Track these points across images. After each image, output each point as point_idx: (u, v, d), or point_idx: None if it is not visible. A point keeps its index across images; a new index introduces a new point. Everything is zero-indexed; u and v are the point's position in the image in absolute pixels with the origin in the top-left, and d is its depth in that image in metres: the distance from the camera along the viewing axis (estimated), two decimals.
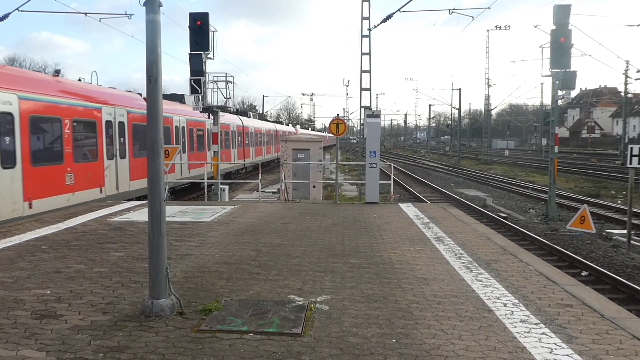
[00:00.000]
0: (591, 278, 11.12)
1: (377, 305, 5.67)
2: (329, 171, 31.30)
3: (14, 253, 8.17)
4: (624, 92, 47.52)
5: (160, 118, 5.42)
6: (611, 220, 18.33)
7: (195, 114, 22.55)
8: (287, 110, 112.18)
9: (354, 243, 9.00)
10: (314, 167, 19.00)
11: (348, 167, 41.61)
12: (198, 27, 15.39)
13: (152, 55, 5.27)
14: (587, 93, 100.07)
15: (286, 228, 10.49)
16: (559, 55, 17.73)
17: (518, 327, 5.04)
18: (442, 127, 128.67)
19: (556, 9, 17.74)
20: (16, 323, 5.15)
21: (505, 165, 51.63)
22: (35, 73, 15.32)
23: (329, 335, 4.84)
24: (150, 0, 5.22)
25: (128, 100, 18.22)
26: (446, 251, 8.37)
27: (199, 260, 7.75)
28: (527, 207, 22.13)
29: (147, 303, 5.38)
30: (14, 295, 6.02)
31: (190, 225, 10.81)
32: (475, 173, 39.78)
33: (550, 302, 5.80)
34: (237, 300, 5.86)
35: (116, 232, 9.99)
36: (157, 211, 5.41)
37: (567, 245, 14.20)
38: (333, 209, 13.59)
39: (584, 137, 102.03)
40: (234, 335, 4.84)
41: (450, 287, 6.37)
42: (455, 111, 65.71)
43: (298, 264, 7.49)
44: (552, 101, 20.06)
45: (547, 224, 17.63)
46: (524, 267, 7.36)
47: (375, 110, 17.46)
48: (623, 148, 46.57)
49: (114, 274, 6.99)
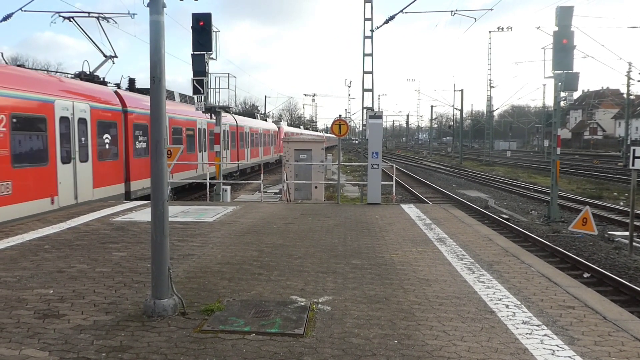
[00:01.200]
0: (593, 280, 11.11)
1: (379, 306, 5.67)
2: (331, 172, 31.32)
3: (17, 252, 8.19)
4: (627, 94, 47.46)
5: (164, 118, 5.43)
6: (613, 222, 18.30)
7: (186, 112, 22.09)
8: (289, 110, 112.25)
9: (356, 244, 9.00)
10: (316, 168, 19.02)
11: (350, 168, 41.64)
12: (201, 28, 15.44)
13: (156, 56, 5.28)
14: (590, 94, 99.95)
15: (288, 229, 10.49)
16: (562, 57, 17.73)
17: (520, 328, 5.04)
18: (444, 128, 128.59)
19: (559, 10, 17.74)
20: (19, 322, 5.17)
21: (507, 166, 51.58)
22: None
23: (331, 336, 4.85)
24: (154, 1, 5.24)
25: (93, 93, 15.49)
26: (448, 252, 8.37)
27: (201, 260, 7.76)
28: (529, 208, 22.11)
29: (149, 303, 5.39)
30: (17, 295, 6.04)
31: (193, 225, 10.82)
32: (477, 174, 39.75)
33: (552, 304, 5.80)
34: (239, 300, 5.87)
35: (118, 232, 10.00)
36: (160, 211, 5.42)
37: (569, 247, 14.18)
38: (335, 209, 13.59)
39: (587, 138, 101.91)
40: (236, 335, 4.85)
41: (452, 289, 6.37)
42: (457, 112, 65.73)
43: (300, 265, 7.49)
44: (555, 103, 20.05)
45: (549, 226, 17.62)
46: (526, 269, 7.36)
47: (378, 111, 17.48)
48: (625, 150, 46.54)
49: (117, 273, 7.00)
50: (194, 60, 16.06)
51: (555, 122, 19.94)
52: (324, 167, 20.35)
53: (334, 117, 19.72)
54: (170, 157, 15.64)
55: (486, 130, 72.35)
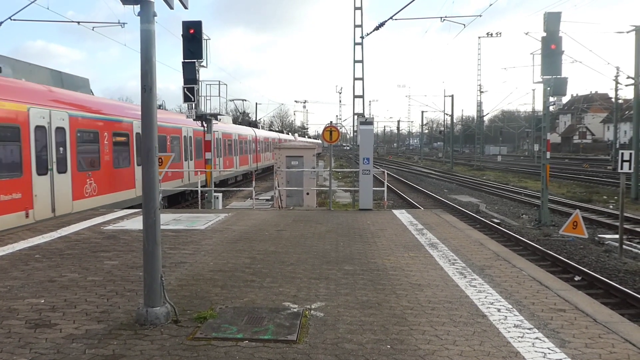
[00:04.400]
0: (584, 283, 11.19)
1: (372, 312, 5.69)
2: (322, 178, 31.36)
3: (7, 262, 8.13)
4: (615, 98, 47.89)
5: (155, 127, 5.44)
6: (603, 225, 18.45)
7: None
8: (280, 117, 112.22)
9: (348, 250, 9.02)
10: (308, 174, 19.06)
11: (342, 174, 41.70)
12: (191, 36, 15.44)
13: (147, 65, 5.29)
14: (579, 99, 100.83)
15: (280, 235, 10.50)
16: (550, 62, 17.90)
17: (512, 332, 5.07)
18: (435, 133, 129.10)
19: (547, 16, 17.92)
20: (10, 332, 5.13)
21: (498, 171, 51.88)
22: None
23: (324, 341, 4.86)
24: (144, 10, 5.25)
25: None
26: (440, 257, 8.41)
27: (193, 268, 7.74)
28: (520, 212, 22.24)
29: (142, 311, 5.37)
30: (8, 305, 6.00)
31: (184, 233, 10.79)
32: (468, 179, 39.94)
33: (543, 307, 5.84)
34: (232, 307, 5.86)
35: (110, 240, 9.96)
36: (151, 219, 5.42)
37: (560, 251, 14.28)
38: (327, 215, 13.61)
39: (576, 142, 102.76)
40: (229, 342, 4.85)
41: (445, 293, 6.40)
42: (448, 118, 66.06)
43: (292, 271, 7.50)
44: (544, 107, 20.24)
45: (540, 230, 17.72)
46: (517, 273, 7.41)
47: (368, 117, 17.55)
48: (614, 153, 46.96)
49: (108, 282, 6.97)
50: (184, 68, 16.05)
51: (545, 127, 20.12)
52: (316, 174, 20.37)
53: (325, 123, 19.79)
54: (162, 165, 15.66)
55: (477, 135, 72.82)
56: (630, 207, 22.36)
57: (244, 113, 55.23)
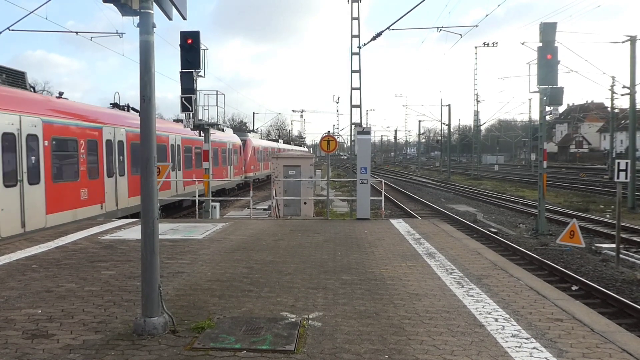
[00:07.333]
0: (581, 292, 11.19)
1: (370, 322, 5.69)
2: (320, 187, 31.33)
3: (4, 272, 8.11)
4: (611, 108, 48.17)
5: (154, 136, 5.46)
6: (600, 234, 18.48)
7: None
8: (278, 127, 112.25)
9: (345, 259, 9.02)
10: (305, 184, 19.07)
11: (339, 184, 41.67)
12: (189, 46, 15.48)
13: (146, 75, 5.32)
14: (575, 108, 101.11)
15: (278, 245, 10.50)
16: (546, 72, 18.00)
17: (509, 341, 5.08)
18: (432, 142, 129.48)
19: (542, 26, 18.04)
20: (7, 343, 5.12)
21: (495, 180, 51.96)
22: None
23: (321, 351, 4.86)
24: (144, 21, 5.29)
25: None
26: (437, 267, 8.41)
27: (191, 277, 7.73)
28: (517, 222, 22.27)
29: (139, 321, 5.36)
30: (5, 315, 5.98)
31: (182, 242, 10.78)
32: (466, 188, 39.99)
33: (540, 317, 5.85)
34: (229, 317, 5.86)
35: (107, 250, 9.95)
36: (150, 229, 5.42)
37: (557, 260, 14.30)
38: (324, 225, 13.61)
39: (573, 152, 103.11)
40: (227, 353, 4.84)
41: (442, 303, 6.41)
42: (445, 127, 66.27)
43: (290, 281, 7.50)
44: (540, 117, 20.31)
45: (537, 239, 17.75)
46: (514, 282, 7.42)
47: (366, 126, 17.62)
48: (611, 163, 47.14)
49: (106, 292, 6.96)
50: (182, 78, 16.08)
51: (542, 136, 20.18)
52: (313, 183, 20.39)
53: (322, 132, 19.84)
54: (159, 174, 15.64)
55: (474, 144, 72.97)
56: (627, 216, 22.42)
57: (241, 122, 55.25)
